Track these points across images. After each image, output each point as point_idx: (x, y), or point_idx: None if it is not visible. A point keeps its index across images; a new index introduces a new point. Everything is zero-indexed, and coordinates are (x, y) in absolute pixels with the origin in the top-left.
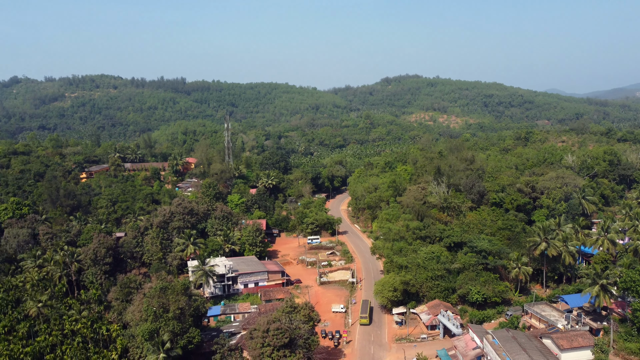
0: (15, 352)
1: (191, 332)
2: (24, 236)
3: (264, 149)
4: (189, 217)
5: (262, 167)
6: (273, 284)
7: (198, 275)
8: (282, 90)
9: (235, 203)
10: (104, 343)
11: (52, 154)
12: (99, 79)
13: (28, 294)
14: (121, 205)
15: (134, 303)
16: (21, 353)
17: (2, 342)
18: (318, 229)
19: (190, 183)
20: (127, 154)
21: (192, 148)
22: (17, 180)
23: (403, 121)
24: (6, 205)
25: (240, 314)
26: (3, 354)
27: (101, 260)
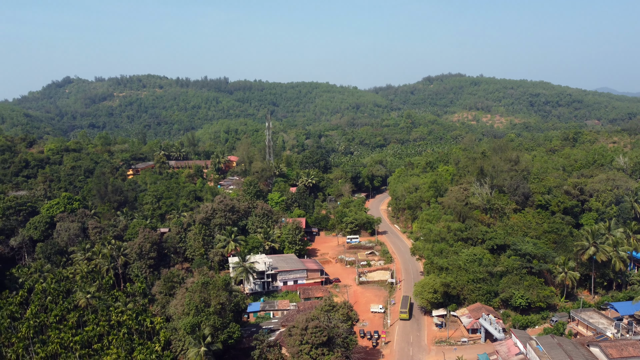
0: (66, 340)
1: (231, 327)
2: (74, 230)
3: (304, 147)
4: (230, 214)
5: (302, 166)
6: (312, 282)
7: (238, 271)
8: (323, 89)
9: (276, 201)
10: (147, 335)
11: (101, 151)
12: (146, 79)
13: (78, 285)
14: (165, 202)
15: (177, 297)
16: (71, 341)
17: (54, 330)
18: (357, 228)
19: (232, 181)
20: (172, 151)
21: (234, 146)
22: (68, 176)
23: (445, 121)
24: (58, 200)
25: (279, 311)
26: (54, 341)
27: (146, 255)
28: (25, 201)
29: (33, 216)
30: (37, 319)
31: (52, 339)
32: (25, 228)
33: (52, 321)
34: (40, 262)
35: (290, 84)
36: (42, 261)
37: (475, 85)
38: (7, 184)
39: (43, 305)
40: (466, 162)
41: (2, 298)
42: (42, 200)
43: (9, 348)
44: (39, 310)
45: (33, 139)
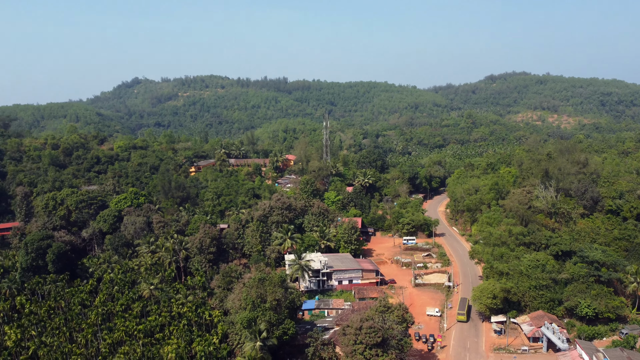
0: (130, 328)
1: (286, 324)
2: (140, 224)
3: (361, 147)
4: (287, 212)
5: (358, 166)
6: (367, 282)
7: (294, 269)
8: (381, 89)
9: (332, 200)
10: (206, 327)
11: (165, 148)
12: (209, 79)
13: (142, 276)
14: (225, 199)
15: (234, 292)
16: (135, 330)
17: (120, 318)
18: (414, 229)
19: (289, 179)
20: (232, 150)
21: (291, 145)
22: (135, 172)
23: (508, 121)
24: (126, 195)
25: (333, 309)
26: (120, 329)
27: (206, 250)
28: (96, 195)
29: (103, 210)
30: (105, 307)
31: (117, 327)
32: (95, 221)
33: (118, 310)
34: (108, 254)
35: (348, 84)
36: (110, 252)
37: (541, 84)
38: (80, 179)
39: (110, 294)
40: (530, 163)
41: (74, 286)
42: (111, 194)
43: (79, 333)
44: (107, 299)
45: (104, 136)
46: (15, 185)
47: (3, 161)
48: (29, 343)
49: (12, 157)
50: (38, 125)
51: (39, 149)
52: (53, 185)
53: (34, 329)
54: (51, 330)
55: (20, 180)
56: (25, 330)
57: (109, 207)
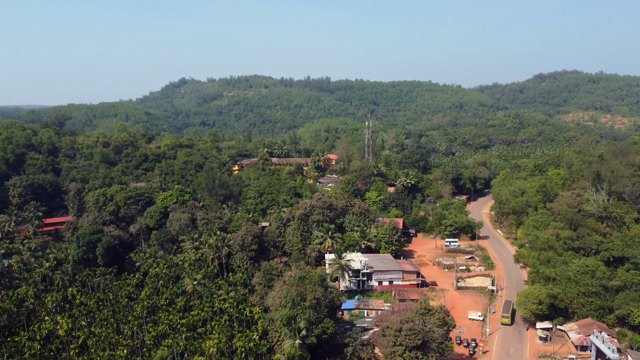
0: (174, 322)
1: (326, 323)
2: (184, 220)
3: (403, 147)
4: (328, 211)
5: (401, 166)
6: (407, 284)
7: (334, 268)
8: (425, 88)
9: (373, 200)
10: (247, 323)
11: (210, 147)
12: (253, 79)
13: (186, 272)
14: (267, 197)
15: (275, 289)
16: (178, 323)
17: (164, 312)
18: (457, 231)
19: (331, 179)
20: (274, 149)
21: (333, 145)
22: (181, 170)
23: (557, 121)
24: (171, 192)
25: (373, 310)
26: (164, 322)
27: (248, 247)
28: (143, 192)
29: (150, 206)
30: (150, 300)
31: (162, 320)
32: (142, 217)
33: (162, 304)
34: (154, 249)
35: (391, 83)
36: (156, 248)
37: (594, 83)
38: (129, 176)
39: (155, 288)
40: (580, 165)
41: (122, 279)
42: (157, 191)
43: (126, 325)
44: (152, 293)
45: (152, 135)
46: (68, 181)
47: (58, 158)
48: (79, 333)
49: (67, 154)
50: (90, 124)
51: (91, 147)
52: (103, 181)
53: (84, 319)
54: (100, 321)
55: (74, 177)
56: (76, 321)
57: (156, 203)
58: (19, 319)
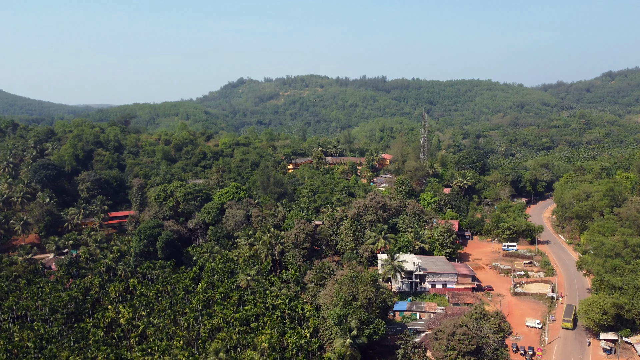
0: (228, 316)
1: (377, 323)
2: (240, 217)
3: (460, 148)
4: (381, 211)
5: (457, 167)
6: (462, 287)
7: (387, 269)
8: (484, 87)
9: (428, 201)
10: (298, 320)
11: (266, 146)
12: (308, 78)
13: (240, 267)
14: (320, 196)
15: (327, 287)
16: (232, 317)
17: (219, 306)
18: (515, 235)
19: (385, 179)
20: (329, 148)
21: (388, 145)
22: (237, 167)
23: (628, 122)
24: (228, 189)
25: (426, 312)
26: (219, 316)
27: (300, 245)
28: (201, 188)
29: (207, 202)
30: (206, 294)
31: (216, 313)
32: (200, 212)
33: (217, 297)
34: (210, 244)
35: (449, 82)
36: (212, 243)
37: None
38: (188, 173)
39: (211, 282)
40: None
41: (179, 272)
42: (215, 188)
43: (183, 317)
44: (208, 287)
45: (210, 133)
46: (132, 177)
47: (123, 155)
48: (139, 322)
49: (131, 151)
50: (153, 122)
51: (154, 144)
52: (164, 177)
53: (144, 309)
54: (158, 312)
55: (137, 173)
56: (136, 310)
57: (213, 200)
58: (85, 306)
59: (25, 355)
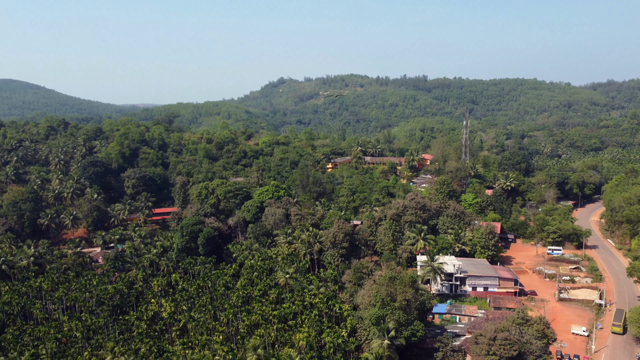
0: (266, 313)
1: (415, 325)
2: (279, 215)
3: (503, 148)
4: (421, 212)
5: (500, 168)
6: (504, 291)
7: (426, 270)
8: (529, 86)
9: (469, 203)
10: (336, 319)
11: (305, 145)
12: (348, 78)
13: (279, 265)
14: (359, 195)
15: (365, 288)
16: (270, 315)
17: (257, 302)
18: (561, 239)
19: (425, 179)
20: (368, 148)
21: (428, 145)
22: (277, 166)
23: None
24: (268, 187)
25: (466, 316)
26: (257, 312)
27: (339, 244)
28: (241, 187)
29: (247, 200)
30: (245, 290)
31: (255, 310)
32: (240, 210)
33: (256, 294)
34: (250, 241)
35: (492, 81)
36: (251, 240)
37: None
38: (229, 171)
39: (250, 279)
40: None
41: (220, 269)
42: (254, 186)
43: (222, 312)
44: (247, 283)
45: (251, 132)
46: (175, 175)
47: (167, 153)
48: (180, 316)
49: (174, 149)
50: (196, 122)
51: (196, 143)
52: (206, 175)
53: (185, 304)
54: (199, 307)
55: (180, 171)
56: (178, 305)
57: (253, 198)
58: (129, 299)
59: (73, 344)
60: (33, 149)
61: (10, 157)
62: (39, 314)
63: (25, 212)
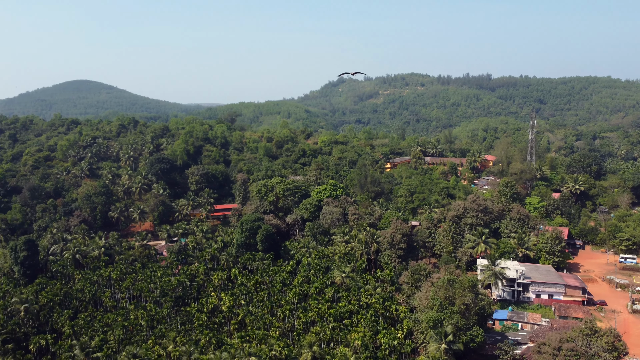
0: (322, 311)
1: (474, 330)
2: (336, 214)
3: (572, 150)
4: (482, 214)
5: (568, 170)
6: (570, 299)
7: (487, 275)
8: (602, 84)
9: (534, 206)
10: (392, 321)
11: (364, 144)
12: (409, 77)
13: (335, 264)
14: (418, 196)
15: (422, 290)
16: (326, 313)
17: (314, 300)
18: (635, 247)
19: (487, 181)
20: (428, 148)
21: (491, 145)
22: (335, 165)
23: None
24: (326, 186)
25: (528, 324)
26: (313, 310)
27: (396, 245)
28: (300, 185)
29: (305, 198)
30: (302, 288)
31: (311, 308)
32: (298, 208)
33: (312, 292)
34: (307, 239)
35: (561, 79)
36: (309, 238)
37: None
38: (288, 169)
39: (307, 277)
40: None
41: (277, 265)
42: (313, 185)
43: (279, 308)
44: (304, 281)
45: (310, 132)
46: (236, 172)
47: (228, 150)
48: (239, 310)
49: (236, 147)
50: (257, 120)
51: (257, 141)
52: (266, 173)
53: (244, 298)
54: (257, 302)
55: (240, 168)
56: (237, 299)
57: (311, 196)
58: (191, 291)
59: (138, 332)
60: (105, 146)
61: (85, 153)
62: (108, 301)
63: (97, 205)
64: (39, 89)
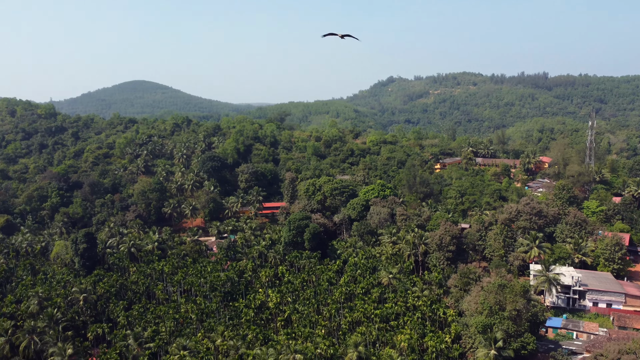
0: (368, 311)
1: (526, 337)
2: (384, 214)
3: (636, 152)
4: (536, 218)
5: (631, 173)
6: (631, 309)
7: (540, 280)
8: None
9: (592, 210)
10: (439, 324)
11: (413, 144)
12: (460, 76)
13: (382, 264)
14: (469, 198)
15: (471, 294)
16: (372, 313)
17: (360, 300)
18: None
19: (542, 183)
20: (480, 148)
21: (547, 147)
22: (383, 165)
23: None
24: (373, 186)
25: (584, 333)
26: (359, 310)
27: (445, 247)
28: (347, 184)
29: (352, 198)
30: (348, 287)
31: (357, 308)
32: (345, 208)
33: (358, 292)
34: (354, 239)
35: (624, 78)
36: (356, 238)
37: None
38: (336, 169)
39: (353, 276)
40: None
41: (324, 264)
42: (360, 185)
43: (325, 307)
44: (350, 281)
45: (358, 131)
46: (285, 171)
47: (277, 149)
48: (285, 307)
49: (285, 146)
50: (306, 120)
51: (305, 141)
52: (314, 172)
53: (290, 296)
54: (303, 300)
55: (289, 167)
56: (284, 296)
57: (358, 196)
58: (239, 287)
59: (188, 325)
60: (160, 144)
61: (141, 151)
62: (160, 294)
63: (152, 201)
64: (100, 89)
